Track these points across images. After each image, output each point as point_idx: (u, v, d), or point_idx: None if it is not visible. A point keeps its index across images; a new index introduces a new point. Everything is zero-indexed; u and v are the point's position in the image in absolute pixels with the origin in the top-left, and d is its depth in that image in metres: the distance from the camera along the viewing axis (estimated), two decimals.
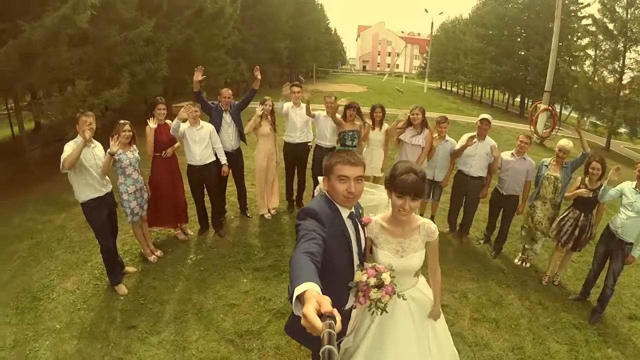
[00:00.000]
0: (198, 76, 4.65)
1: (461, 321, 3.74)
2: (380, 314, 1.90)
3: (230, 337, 3.38)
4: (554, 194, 4.25)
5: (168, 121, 4.58)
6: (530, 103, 23.93)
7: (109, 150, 3.71)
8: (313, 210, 1.69)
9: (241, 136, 5.26)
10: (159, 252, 4.67)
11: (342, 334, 2.06)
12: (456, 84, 37.82)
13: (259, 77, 5.04)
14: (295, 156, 5.57)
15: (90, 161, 3.65)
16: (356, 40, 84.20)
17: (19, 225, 5.71)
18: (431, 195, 5.23)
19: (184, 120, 4.55)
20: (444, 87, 43.09)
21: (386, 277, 1.84)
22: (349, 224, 1.86)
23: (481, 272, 4.50)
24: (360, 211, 2.02)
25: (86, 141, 3.44)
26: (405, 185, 1.79)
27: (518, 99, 29.18)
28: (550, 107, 14.56)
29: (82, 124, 3.51)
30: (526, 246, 4.60)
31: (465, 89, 36.74)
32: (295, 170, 5.72)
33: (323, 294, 1.02)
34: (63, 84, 9.69)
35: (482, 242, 5.17)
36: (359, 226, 1.96)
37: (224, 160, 4.89)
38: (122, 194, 4.09)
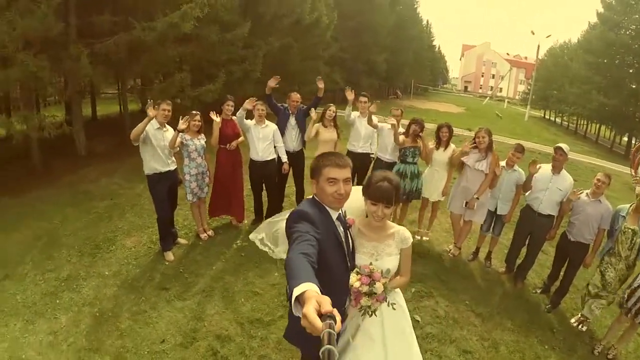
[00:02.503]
0: (273, 82, 4.95)
1: None
2: (370, 316, 1.95)
3: (241, 320, 3.50)
4: (630, 251, 3.55)
5: (234, 117, 4.94)
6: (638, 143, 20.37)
7: (177, 127, 4.16)
8: (305, 213, 1.70)
9: (303, 140, 5.41)
10: (210, 232, 5.04)
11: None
12: (560, 115, 34.05)
13: (322, 86, 5.16)
14: (355, 165, 5.51)
15: (160, 141, 4.15)
16: (460, 59, 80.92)
17: (105, 187, 6.69)
18: (491, 228, 4.77)
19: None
20: (547, 116, 39.06)
21: (379, 286, 1.86)
22: (337, 224, 1.87)
23: (525, 325, 3.90)
24: (344, 213, 2.00)
25: (150, 118, 3.91)
26: (379, 192, 1.86)
27: (626, 138, 25.11)
28: None
29: (160, 109, 4.07)
30: (589, 306, 3.89)
31: (569, 121, 32.86)
32: (355, 180, 5.68)
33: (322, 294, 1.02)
34: (165, 74, 11.06)
35: (539, 291, 4.49)
36: (346, 227, 1.97)
37: (284, 158, 5.09)
38: (185, 174, 4.53)
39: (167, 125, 4.26)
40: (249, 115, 4.89)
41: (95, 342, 3.16)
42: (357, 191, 1.93)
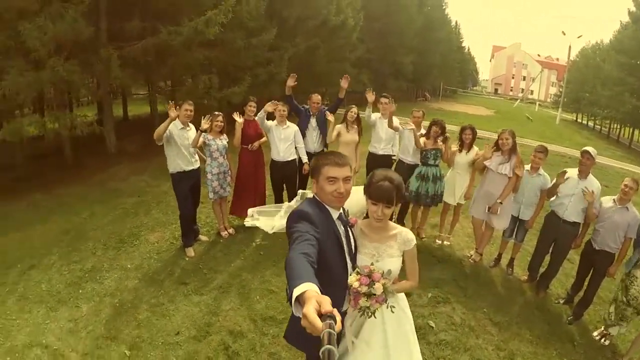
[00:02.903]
0: (291, 82, 5.02)
1: None
2: (369, 318, 1.89)
3: (255, 317, 3.55)
4: None
5: (256, 118, 5.02)
6: None
7: (200, 127, 4.28)
8: (305, 213, 1.69)
9: (324, 141, 5.43)
10: (231, 230, 5.14)
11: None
12: (592, 118, 32.48)
13: (345, 86, 5.18)
14: (376, 167, 5.47)
15: (184, 141, 4.29)
16: (490, 61, 78.71)
17: (133, 185, 6.97)
18: (514, 234, 4.61)
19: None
20: (579, 120, 37.39)
21: (379, 287, 1.80)
22: (338, 224, 1.86)
23: (545, 337, 3.72)
24: (346, 212, 1.98)
25: (172, 119, 4.04)
26: (379, 192, 1.82)
27: None
28: None
29: (182, 109, 4.20)
30: (609, 321, 3.68)
31: (602, 125, 31.28)
32: None
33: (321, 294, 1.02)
34: (193, 76, 11.39)
35: (561, 301, 4.27)
36: (348, 227, 1.95)
37: (305, 158, 5.13)
38: (207, 173, 4.65)
39: (190, 125, 4.39)
40: (271, 116, 4.96)
41: (113, 330, 3.30)
42: (357, 192, 1.92)
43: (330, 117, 5.11)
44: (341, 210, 1.89)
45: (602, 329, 3.78)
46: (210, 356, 3.05)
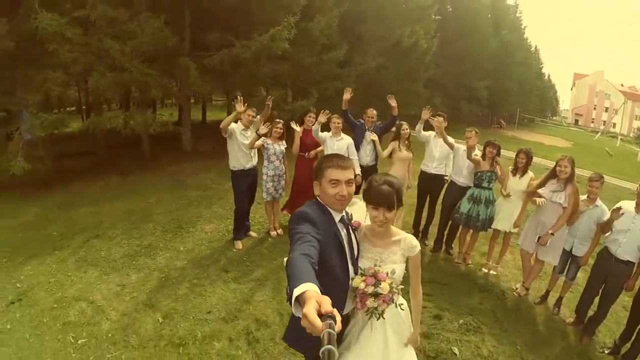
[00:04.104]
0: (347, 95, 5.25)
1: None
2: (377, 319, 1.90)
3: (282, 311, 3.71)
4: None
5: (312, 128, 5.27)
6: None
7: (258, 131, 4.63)
8: (306, 214, 1.70)
9: (377, 155, 5.51)
10: (280, 231, 5.41)
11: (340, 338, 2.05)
12: None
13: (394, 104, 5.27)
14: (427, 186, 5.42)
15: (243, 140, 4.69)
16: (571, 89, 72.18)
17: (200, 180, 7.67)
18: (566, 271, 4.23)
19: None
20: None
21: (385, 286, 1.81)
22: (340, 227, 1.86)
23: None
24: (350, 216, 1.99)
25: (237, 113, 4.47)
26: (380, 196, 1.79)
27: None
28: None
29: (245, 113, 4.61)
30: None
31: None
32: (427, 201, 5.54)
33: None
34: (267, 89, 12.12)
35: (607, 351, 3.74)
36: (351, 230, 1.95)
37: (357, 170, 5.20)
38: (263, 175, 4.98)
39: (252, 128, 4.76)
40: (327, 128, 5.15)
41: (153, 299, 3.71)
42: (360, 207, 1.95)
43: (373, 136, 5.21)
44: (344, 214, 1.89)
45: None
46: (232, 337, 3.26)
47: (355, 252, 1.95)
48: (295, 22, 8.07)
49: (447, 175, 5.29)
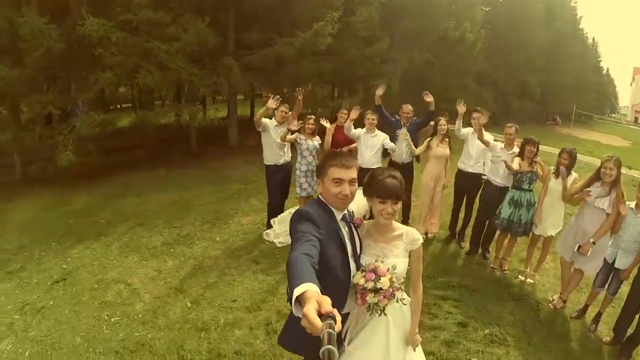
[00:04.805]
0: (380, 91, 5.21)
1: None
2: (379, 315, 1.91)
3: None
4: None
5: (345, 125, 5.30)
6: None
7: (289, 126, 4.76)
8: (307, 213, 1.70)
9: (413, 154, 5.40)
10: None
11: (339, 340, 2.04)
12: None
13: (430, 99, 5.07)
14: (464, 185, 5.23)
15: (277, 138, 4.88)
16: (630, 84, 64.20)
17: (243, 174, 8.05)
18: (607, 285, 3.86)
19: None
20: None
21: (385, 281, 1.81)
22: (342, 225, 1.86)
23: None
24: (351, 213, 1.98)
25: (267, 109, 4.65)
26: (387, 189, 1.80)
27: None
28: None
29: (279, 110, 4.79)
30: None
31: None
32: (464, 201, 5.36)
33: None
34: (313, 86, 12.12)
35: None
36: (353, 228, 1.96)
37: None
38: (297, 170, 5.11)
39: (285, 124, 4.89)
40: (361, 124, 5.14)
41: (185, 285, 4.02)
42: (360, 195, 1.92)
43: (403, 133, 5.11)
44: (345, 212, 1.90)
45: None
46: (252, 326, 3.44)
47: (358, 250, 1.95)
48: (338, 17, 8.10)
49: (485, 175, 5.06)
